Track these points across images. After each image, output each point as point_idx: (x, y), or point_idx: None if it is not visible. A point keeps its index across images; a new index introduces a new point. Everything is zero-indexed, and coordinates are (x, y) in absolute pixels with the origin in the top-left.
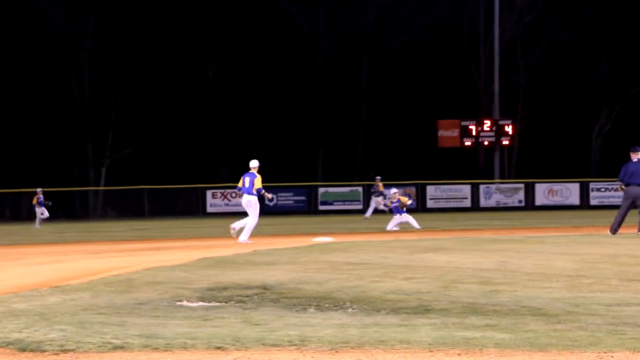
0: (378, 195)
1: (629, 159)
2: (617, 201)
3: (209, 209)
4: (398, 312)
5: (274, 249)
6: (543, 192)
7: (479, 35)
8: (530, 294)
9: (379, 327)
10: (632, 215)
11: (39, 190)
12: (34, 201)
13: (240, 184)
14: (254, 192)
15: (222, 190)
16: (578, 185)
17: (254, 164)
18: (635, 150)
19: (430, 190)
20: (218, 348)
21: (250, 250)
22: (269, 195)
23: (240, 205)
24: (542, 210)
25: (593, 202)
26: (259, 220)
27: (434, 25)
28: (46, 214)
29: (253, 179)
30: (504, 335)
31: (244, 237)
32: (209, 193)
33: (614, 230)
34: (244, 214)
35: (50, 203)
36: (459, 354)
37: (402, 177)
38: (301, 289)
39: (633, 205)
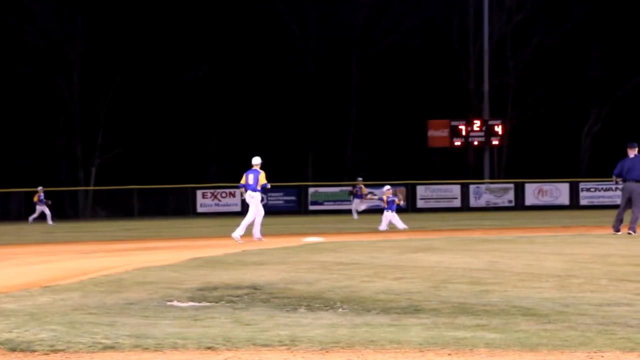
0: (360, 197)
1: (621, 156)
2: (607, 201)
3: (199, 209)
4: (388, 312)
5: (264, 249)
6: (533, 192)
7: (469, 36)
8: (521, 294)
9: (369, 327)
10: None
11: (39, 188)
12: (35, 199)
13: (243, 181)
14: (259, 188)
15: (212, 190)
16: (568, 185)
17: (256, 160)
18: (632, 146)
19: (420, 190)
20: (209, 348)
21: (240, 250)
22: (268, 186)
23: (230, 205)
24: (532, 210)
25: (583, 202)
26: (263, 220)
27: (423, 25)
28: (48, 212)
29: (257, 175)
30: (495, 335)
31: (237, 233)
32: (199, 193)
33: (616, 229)
34: (232, 214)
35: (50, 202)
36: (449, 354)
37: (392, 177)
38: (291, 289)
39: (630, 202)
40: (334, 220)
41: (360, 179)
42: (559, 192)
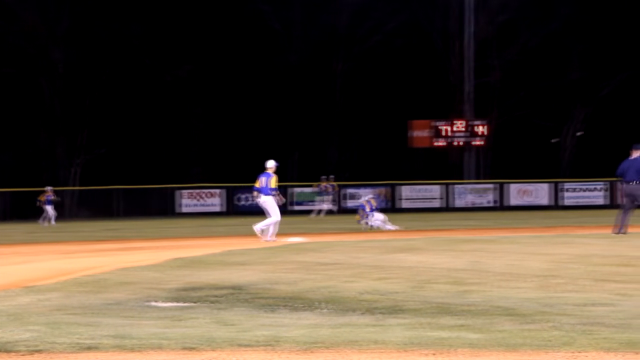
0: (329, 194)
1: (604, 157)
2: (589, 201)
3: (181, 209)
4: (371, 312)
5: (247, 249)
6: (515, 193)
7: (452, 36)
8: (503, 294)
9: (351, 327)
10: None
11: (48, 189)
12: (41, 198)
13: (257, 184)
14: (270, 192)
15: (195, 191)
16: (550, 186)
17: (269, 164)
18: (637, 148)
19: (403, 191)
20: (190, 348)
21: (223, 250)
22: (281, 198)
23: (211, 205)
24: (514, 211)
25: (565, 202)
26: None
27: (407, 26)
28: (51, 213)
29: (269, 178)
30: (477, 336)
31: (257, 226)
32: (181, 193)
33: (621, 230)
34: (214, 214)
35: (59, 199)
36: (432, 354)
37: (374, 178)
38: (274, 289)
39: (633, 202)
40: (318, 220)
41: (332, 177)
42: (541, 192)
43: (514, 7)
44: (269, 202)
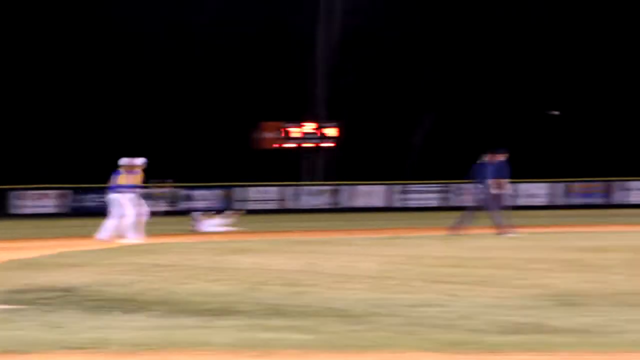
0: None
1: (447, 159)
2: (427, 203)
3: (13, 210)
4: (202, 313)
5: (80, 251)
6: (353, 195)
7: (305, 38)
8: (335, 295)
9: (181, 329)
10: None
11: None
12: None
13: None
14: (116, 190)
15: (30, 191)
16: (386, 187)
17: (121, 161)
18: (496, 152)
19: (241, 193)
20: (12, 352)
21: (57, 252)
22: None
23: (46, 207)
24: (350, 213)
25: (401, 204)
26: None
27: (261, 25)
28: None
29: (117, 176)
30: (306, 336)
31: (104, 235)
32: (14, 194)
33: (503, 231)
34: (51, 215)
35: None
36: (257, 356)
37: (212, 179)
38: (105, 291)
39: (481, 205)
40: (151, 222)
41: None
42: (377, 194)
43: (368, 10)
44: (115, 201)
